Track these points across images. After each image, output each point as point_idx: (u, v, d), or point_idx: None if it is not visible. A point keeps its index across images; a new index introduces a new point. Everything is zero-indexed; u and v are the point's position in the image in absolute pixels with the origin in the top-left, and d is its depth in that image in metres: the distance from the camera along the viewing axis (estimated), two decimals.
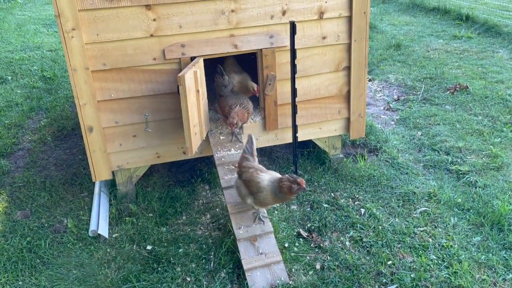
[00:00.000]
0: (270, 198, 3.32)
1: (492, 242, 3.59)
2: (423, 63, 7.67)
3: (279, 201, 3.48)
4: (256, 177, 3.36)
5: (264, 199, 3.33)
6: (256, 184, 3.33)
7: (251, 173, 3.39)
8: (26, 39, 10.13)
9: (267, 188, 3.29)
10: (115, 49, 3.68)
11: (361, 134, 4.63)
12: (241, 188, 3.46)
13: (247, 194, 3.41)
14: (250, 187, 3.37)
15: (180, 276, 3.41)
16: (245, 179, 3.41)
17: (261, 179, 3.33)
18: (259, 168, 3.46)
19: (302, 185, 3.16)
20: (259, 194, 3.32)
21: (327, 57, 4.23)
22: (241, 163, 3.50)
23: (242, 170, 3.46)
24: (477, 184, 4.33)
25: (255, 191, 3.34)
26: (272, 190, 3.28)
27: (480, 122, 5.52)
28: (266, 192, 3.30)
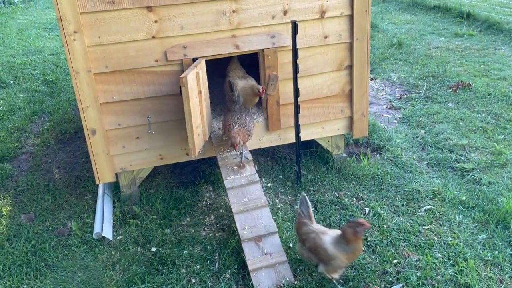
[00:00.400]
0: (345, 259, 3.04)
1: (498, 240, 3.57)
2: (425, 61, 7.65)
3: (354, 256, 3.08)
4: (321, 244, 3.09)
5: (338, 264, 3.06)
6: (324, 252, 3.07)
7: (314, 240, 3.13)
8: (27, 43, 10.16)
9: (336, 251, 3.03)
10: (117, 51, 3.68)
11: (364, 133, 4.62)
12: (308, 255, 3.21)
13: (318, 262, 3.15)
14: (318, 254, 3.11)
15: (185, 278, 3.41)
16: (309, 247, 3.16)
17: (327, 245, 3.06)
18: (320, 230, 3.19)
19: (365, 224, 2.96)
20: (331, 262, 3.06)
21: (329, 56, 4.22)
22: (300, 229, 3.26)
23: (303, 237, 3.21)
24: (482, 181, 4.31)
25: (326, 260, 3.08)
26: (342, 250, 3.02)
27: (484, 120, 5.50)
28: (339, 257, 3.03)
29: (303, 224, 3.27)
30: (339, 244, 3.05)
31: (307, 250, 3.20)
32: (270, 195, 4.35)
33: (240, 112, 3.97)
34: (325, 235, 3.13)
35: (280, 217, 3.98)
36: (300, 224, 3.30)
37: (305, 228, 3.23)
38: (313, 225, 3.26)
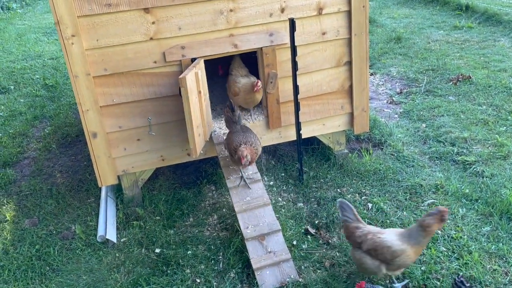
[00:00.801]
0: (412, 254, 2.93)
1: (502, 232, 3.57)
2: (424, 55, 7.63)
3: (421, 249, 2.99)
4: (381, 241, 2.93)
5: (404, 260, 2.92)
6: (387, 250, 2.90)
7: (373, 240, 2.97)
8: (27, 48, 10.16)
9: (405, 247, 2.89)
10: (115, 54, 3.68)
11: (365, 128, 4.61)
12: (365, 260, 3.00)
13: (378, 265, 2.97)
14: (380, 255, 2.94)
15: (190, 278, 3.41)
16: (368, 248, 2.97)
17: (390, 241, 2.91)
18: (376, 230, 3.06)
19: (446, 209, 2.89)
20: (396, 260, 2.90)
21: (328, 52, 4.21)
22: (352, 235, 3.09)
23: (359, 240, 3.03)
24: (484, 174, 4.30)
25: (390, 258, 2.91)
26: (416, 243, 2.90)
27: (485, 112, 5.49)
28: (406, 252, 2.89)
29: (355, 229, 3.09)
30: (409, 240, 2.91)
31: (364, 253, 3.00)
32: (272, 193, 4.35)
33: (243, 131, 3.82)
34: (384, 234, 2.99)
35: (283, 215, 3.98)
36: (350, 229, 3.11)
37: (359, 232, 3.05)
38: (366, 226, 3.10)
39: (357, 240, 3.06)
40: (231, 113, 3.91)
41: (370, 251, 2.98)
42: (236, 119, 3.90)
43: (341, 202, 3.24)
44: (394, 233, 3.00)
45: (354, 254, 3.10)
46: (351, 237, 3.12)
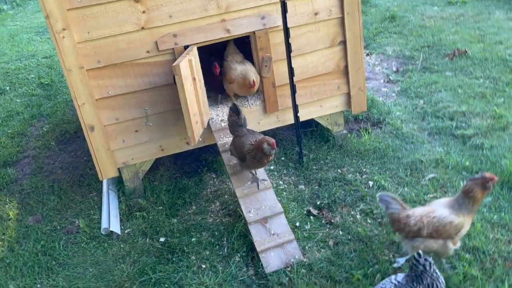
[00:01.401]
0: (469, 222, 2.86)
1: (504, 202, 3.57)
2: (419, 32, 7.57)
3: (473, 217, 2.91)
4: (442, 220, 2.81)
5: (465, 230, 2.87)
6: (450, 226, 2.80)
7: (432, 223, 2.82)
8: (20, 49, 10.11)
9: (462, 218, 2.81)
10: (107, 45, 3.66)
11: (362, 108, 4.60)
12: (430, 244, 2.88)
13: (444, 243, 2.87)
14: (443, 234, 2.83)
15: (195, 264, 3.43)
16: (429, 233, 2.84)
17: (450, 217, 2.81)
18: (425, 210, 2.91)
19: (494, 177, 2.78)
20: (460, 232, 2.85)
21: (321, 33, 4.19)
22: (406, 224, 2.88)
23: (415, 229, 2.86)
24: (484, 146, 4.30)
25: (454, 233, 2.83)
26: (468, 212, 2.82)
27: (482, 85, 5.46)
28: (464, 222, 2.82)
29: (406, 218, 2.89)
30: (461, 210, 2.81)
31: (424, 240, 2.86)
32: (273, 177, 4.35)
33: (250, 134, 3.67)
34: (436, 211, 2.85)
35: (285, 198, 3.99)
36: (402, 220, 2.90)
37: (411, 220, 2.87)
38: (414, 211, 2.91)
39: (413, 229, 2.86)
40: (236, 116, 3.71)
41: (431, 234, 2.83)
42: (242, 122, 3.72)
43: (382, 195, 3.03)
44: (445, 207, 2.86)
45: (415, 245, 2.89)
46: (406, 228, 2.89)
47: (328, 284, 3.08)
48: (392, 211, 2.98)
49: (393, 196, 3.02)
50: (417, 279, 2.51)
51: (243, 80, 4.09)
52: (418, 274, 2.50)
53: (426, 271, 2.48)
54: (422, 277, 2.50)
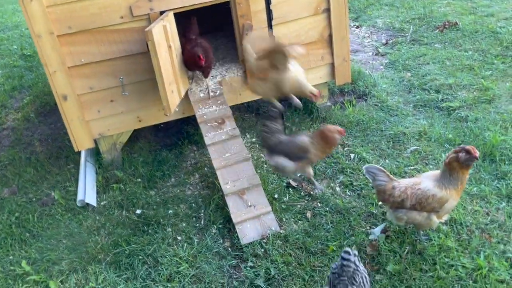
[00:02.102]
0: (455, 195, 2.74)
1: (485, 174, 3.52)
2: (410, 4, 7.39)
3: (462, 189, 2.78)
4: (423, 193, 2.75)
5: (451, 204, 2.75)
6: (433, 199, 2.73)
7: (414, 194, 2.78)
8: (4, 19, 9.85)
9: (445, 192, 2.72)
10: (79, 10, 3.51)
11: (347, 79, 4.49)
12: (414, 216, 2.81)
13: (428, 216, 2.80)
14: (427, 207, 2.76)
15: (171, 236, 3.38)
16: (412, 204, 2.79)
17: (432, 190, 2.73)
18: (411, 181, 2.85)
19: (473, 153, 2.63)
20: (445, 206, 2.75)
21: (305, 0, 4.04)
22: (390, 195, 2.84)
23: (399, 200, 2.81)
24: (468, 118, 4.22)
25: (438, 206, 2.75)
26: (448, 184, 2.71)
27: (471, 57, 5.35)
28: (451, 196, 2.73)
29: (391, 189, 2.84)
30: (444, 183, 2.72)
31: (409, 210, 2.81)
32: (255, 149, 4.27)
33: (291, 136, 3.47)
34: (422, 184, 2.79)
35: (264, 170, 3.92)
36: (388, 191, 2.86)
37: (397, 191, 2.82)
38: (400, 183, 2.86)
39: (397, 200, 2.82)
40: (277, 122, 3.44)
41: (415, 206, 2.78)
42: (281, 127, 3.46)
43: (369, 167, 2.98)
44: (431, 179, 2.79)
45: (398, 215, 2.86)
46: (390, 199, 2.85)
47: (303, 255, 3.04)
48: (379, 183, 2.91)
49: (380, 168, 2.95)
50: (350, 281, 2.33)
51: None
52: (350, 276, 2.32)
53: (358, 269, 2.33)
54: (355, 276, 2.33)
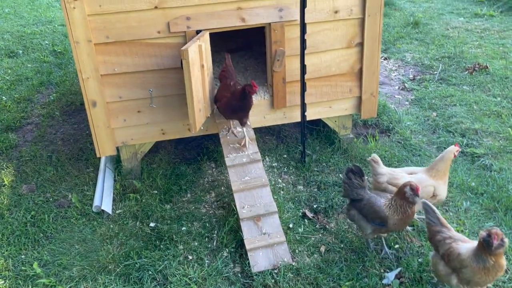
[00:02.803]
0: (477, 270, 2.64)
1: (505, 228, 3.45)
2: (441, 41, 7.37)
3: (492, 273, 2.64)
4: (456, 248, 2.75)
5: (471, 275, 2.67)
6: (457, 257, 2.72)
7: (450, 245, 2.78)
8: (38, 13, 10.07)
9: (469, 260, 2.65)
10: (118, 21, 3.57)
11: (372, 114, 4.48)
12: (438, 265, 2.84)
13: (448, 273, 2.79)
14: (451, 262, 2.76)
15: (182, 254, 3.37)
16: (443, 253, 2.81)
17: (461, 250, 2.72)
18: (459, 237, 2.85)
19: (498, 234, 2.55)
20: (463, 270, 2.69)
21: (339, 32, 4.05)
22: (433, 236, 2.92)
23: (437, 244, 2.87)
24: (493, 167, 4.16)
25: (458, 266, 2.71)
26: (477, 260, 2.62)
27: (499, 104, 5.30)
28: (470, 265, 2.65)
29: (436, 232, 2.89)
30: (477, 254, 2.64)
31: (439, 258, 2.85)
32: (273, 174, 4.27)
33: (374, 193, 3.23)
34: (465, 243, 2.78)
35: (281, 197, 3.91)
36: (432, 232, 2.93)
37: (440, 235, 2.86)
38: (450, 231, 2.88)
39: (436, 243, 2.88)
40: (360, 178, 3.22)
41: (444, 256, 2.80)
42: (365, 183, 3.25)
43: (424, 203, 3.01)
44: (470, 245, 2.75)
45: (432, 257, 2.93)
46: (432, 240, 2.93)
47: None
48: (429, 221, 2.97)
49: (433, 209, 2.98)
50: None
51: None
52: None
53: None
54: None
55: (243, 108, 3.68)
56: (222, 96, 3.77)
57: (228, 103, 3.70)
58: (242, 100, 3.63)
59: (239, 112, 3.72)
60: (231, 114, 3.79)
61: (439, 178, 3.31)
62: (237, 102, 3.65)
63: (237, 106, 3.67)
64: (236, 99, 3.65)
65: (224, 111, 3.78)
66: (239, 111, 3.71)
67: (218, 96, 3.82)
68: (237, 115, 3.76)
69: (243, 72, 4.79)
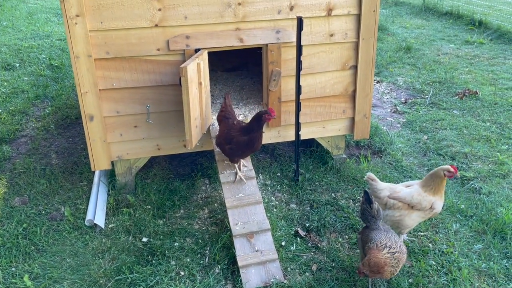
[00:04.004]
0: None
1: (494, 251, 3.51)
2: (433, 67, 7.56)
3: None
4: None
5: None
6: None
7: None
8: (36, 27, 10.15)
9: None
10: (119, 38, 3.64)
11: (365, 135, 4.56)
12: None
13: None
14: None
15: (174, 270, 3.37)
16: None
17: None
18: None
19: None
20: None
21: (334, 55, 4.16)
22: None
23: None
24: (482, 191, 4.24)
25: None
26: None
27: (488, 129, 5.42)
28: None
29: None
30: None
31: None
32: (266, 192, 4.30)
33: (385, 231, 3.07)
34: None
35: (274, 215, 3.93)
36: None
37: None
38: None
39: None
40: (368, 205, 3.13)
41: None
42: (375, 213, 3.12)
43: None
44: None
45: None
46: None
47: None
48: None
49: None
50: None
51: None
52: None
53: None
54: None
55: (256, 141, 3.42)
56: (229, 136, 3.53)
57: (239, 142, 3.47)
58: (257, 130, 3.41)
59: (251, 148, 3.48)
60: (241, 154, 3.58)
61: (432, 193, 3.33)
62: (250, 137, 3.43)
63: (250, 141, 3.43)
64: (248, 133, 3.44)
65: (235, 151, 3.54)
66: (252, 147, 3.47)
67: (224, 138, 3.58)
68: (247, 152, 3.54)
69: (239, 91, 4.87)
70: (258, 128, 3.48)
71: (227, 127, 3.66)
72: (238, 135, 3.53)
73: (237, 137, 3.53)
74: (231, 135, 3.57)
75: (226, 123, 3.70)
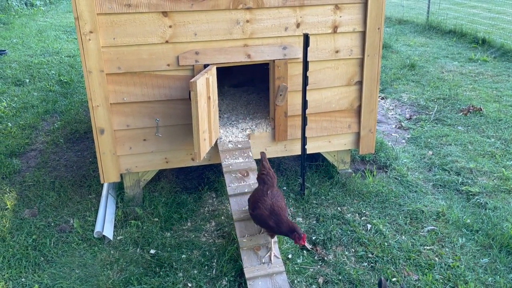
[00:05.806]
0: None
1: (500, 265, 3.52)
2: (437, 84, 7.64)
3: None
4: None
5: None
6: None
7: None
8: (46, 44, 10.37)
9: None
10: (130, 54, 3.75)
11: (370, 150, 4.61)
12: None
13: None
14: None
15: (182, 282, 3.39)
16: None
17: None
18: None
19: None
20: None
21: (340, 71, 4.25)
22: None
23: None
24: (487, 205, 4.26)
25: None
26: None
27: (493, 145, 5.46)
28: None
29: None
30: None
31: None
32: None
33: None
34: None
35: None
36: None
37: None
38: None
39: None
40: None
41: None
42: None
43: None
44: None
45: None
46: None
47: None
48: None
49: None
50: None
51: None
52: None
53: None
54: None
55: None
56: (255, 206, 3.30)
57: (262, 215, 3.24)
58: (282, 226, 3.20)
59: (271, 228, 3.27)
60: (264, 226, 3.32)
61: None
62: (275, 221, 3.21)
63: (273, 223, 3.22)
64: (274, 219, 3.21)
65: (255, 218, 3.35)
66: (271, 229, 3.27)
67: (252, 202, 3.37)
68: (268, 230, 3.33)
69: (246, 106, 4.95)
70: (285, 229, 3.19)
71: (258, 194, 3.36)
72: (263, 209, 3.26)
73: (261, 210, 3.26)
74: (258, 205, 3.30)
75: (260, 190, 3.40)
